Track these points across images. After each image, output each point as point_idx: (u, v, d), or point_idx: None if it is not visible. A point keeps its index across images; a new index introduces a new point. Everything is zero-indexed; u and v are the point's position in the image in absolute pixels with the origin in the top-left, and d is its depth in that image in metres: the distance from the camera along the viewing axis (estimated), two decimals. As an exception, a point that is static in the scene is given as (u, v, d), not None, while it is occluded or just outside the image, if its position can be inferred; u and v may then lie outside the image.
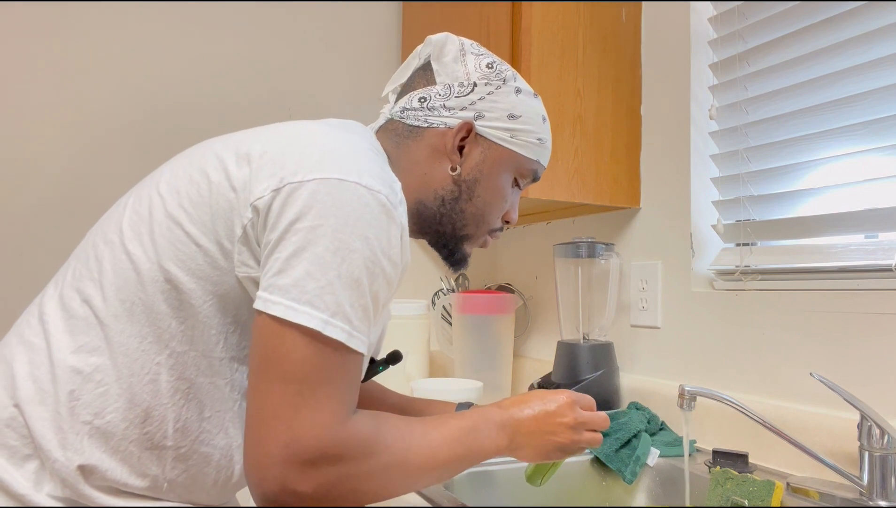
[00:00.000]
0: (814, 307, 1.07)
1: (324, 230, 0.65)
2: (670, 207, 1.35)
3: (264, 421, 0.62)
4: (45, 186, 1.51)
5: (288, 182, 0.67)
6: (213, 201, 0.70)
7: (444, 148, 0.84)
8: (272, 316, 0.63)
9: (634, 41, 1.44)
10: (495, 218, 0.89)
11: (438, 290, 1.85)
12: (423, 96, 0.85)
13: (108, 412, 0.68)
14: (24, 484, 0.67)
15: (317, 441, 0.62)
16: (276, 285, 0.64)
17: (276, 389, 0.62)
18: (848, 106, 1.06)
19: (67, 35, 1.54)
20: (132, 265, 0.71)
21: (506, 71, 0.86)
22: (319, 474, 0.62)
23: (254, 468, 0.62)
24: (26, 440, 0.68)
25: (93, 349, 0.69)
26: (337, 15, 1.83)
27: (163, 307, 0.70)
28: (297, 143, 0.71)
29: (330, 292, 0.64)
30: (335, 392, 0.64)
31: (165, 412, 0.70)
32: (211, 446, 0.73)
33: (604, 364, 1.34)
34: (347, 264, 0.65)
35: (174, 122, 1.63)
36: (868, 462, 0.88)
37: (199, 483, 0.73)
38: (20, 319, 0.77)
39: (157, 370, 0.70)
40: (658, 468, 1.12)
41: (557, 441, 0.81)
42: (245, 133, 0.77)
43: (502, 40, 1.38)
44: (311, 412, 0.62)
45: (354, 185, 0.67)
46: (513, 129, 0.85)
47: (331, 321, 0.63)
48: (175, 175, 0.75)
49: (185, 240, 0.70)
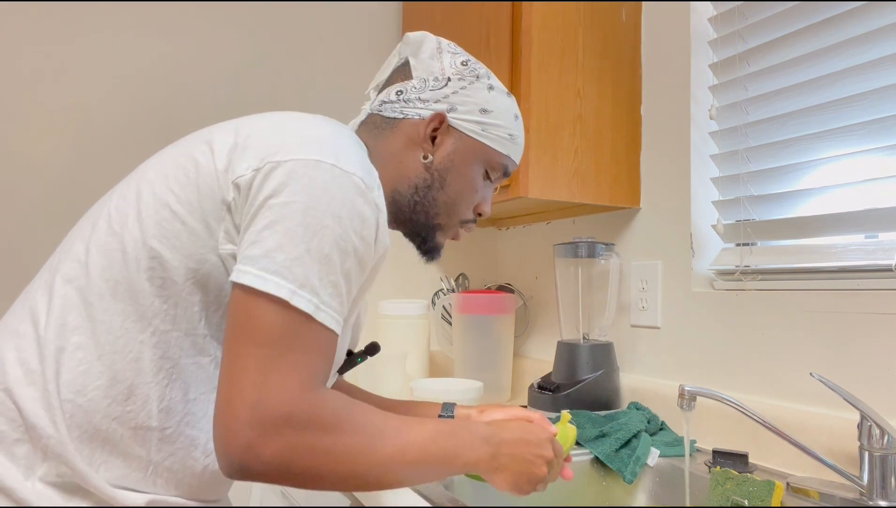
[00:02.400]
0: (814, 307, 1.07)
1: (297, 207, 0.67)
2: (670, 207, 1.35)
3: (233, 383, 0.63)
4: (44, 185, 1.51)
5: (268, 161, 0.70)
6: (200, 182, 0.72)
7: (417, 137, 0.87)
8: (243, 285, 0.66)
9: (634, 41, 1.44)
10: (466, 208, 0.92)
11: (438, 290, 1.85)
12: (399, 90, 0.89)
13: (89, 389, 0.69)
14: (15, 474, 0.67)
15: (283, 405, 0.63)
16: (248, 255, 0.66)
17: (247, 352, 0.64)
18: (848, 106, 1.06)
19: (66, 35, 1.54)
20: (118, 245, 0.72)
21: (479, 69, 0.90)
22: (283, 439, 0.62)
23: (221, 429, 0.63)
24: (16, 423, 0.68)
25: (75, 328, 0.70)
26: (337, 15, 1.83)
27: (146, 286, 0.71)
28: (282, 127, 0.74)
29: (299, 264, 0.66)
30: (305, 361, 0.65)
31: (149, 391, 0.71)
32: (197, 428, 0.74)
33: (604, 364, 1.34)
34: (318, 240, 0.67)
35: (173, 121, 1.63)
36: (868, 462, 0.88)
37: (189, 469, 0.74)
38: (8, 311, 0.78)
39: (140, 348, 0.71)
40: (658, 468, 1.12)
41: (534, 472, 0.79)
42: (231, 121, 0.80)
43: (502, 40, 1.38)
44: (280, 376, 0.63)
45: (331, 166, 0.70)
46: (484, 122, 0.88)
47: (298, 292, 0.65)
48: (162, 161, 0.77)
49: (171, 219, 0.72)
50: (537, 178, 1.32)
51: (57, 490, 0.68)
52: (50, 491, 0.67)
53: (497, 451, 0.77)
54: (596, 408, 1.31)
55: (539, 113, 1.32)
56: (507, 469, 0.77)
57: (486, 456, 0.76)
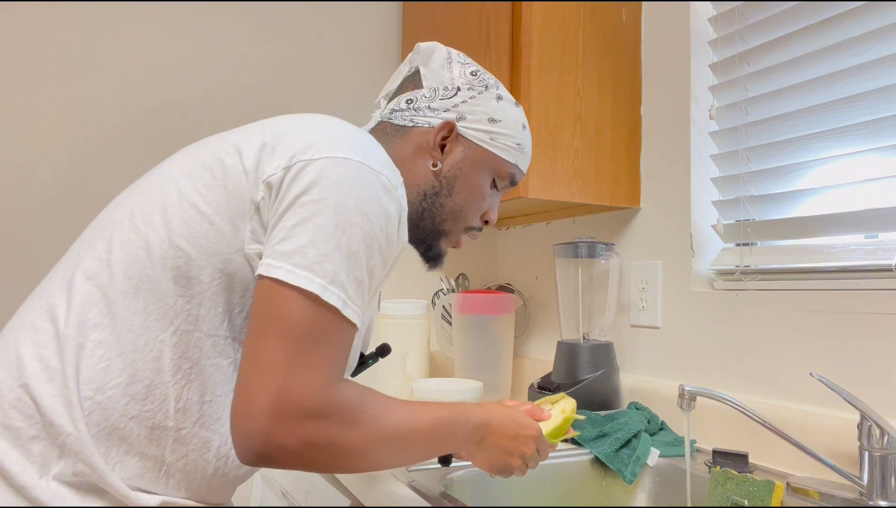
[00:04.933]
0: (814, 307, 1.07)
1: (327, 204, 0.68)
2: (670, 207, 1.35)
3: (257, 374, 0.64)
4: (46, 184, 1.51)
5: (298, 160, 0.71)
6: (228, 183, 0.73)
7: (426, 145, 0.89)
8: (274, 278, 0.67)
9: (634, 41, 1.44)
10: (473, 216, 0.93)
11: (438, 290, 1.85)
12: (409, 98, 0.90)
13: (109, 387, 0.69)
14: (30, 472, 0.67)
15: (307, 398, 0.64)
16: (279, 251, 0.68)
17: (274, 345, 0.65)
18: (848, 106, 1.06)
19: (67, 35, 1.54)
20: (143, 243, 0.72)
21: (488, 79, 0.92)
22: (305, 431, 0.64)
23: (240, 418, 0.64)
24: (33, 420, 0.68)
25: (95, 325, 0.70)
26: (337, 15, 1.83)
27: (170, 285, 0.71)
28: (309, 127, 0.75)
29: (329, 260, 0.67)
30: (329, 356, 0.67)
31: (167, 391, 0.71)
32: (211, 430, 0.74)
33: (604, 364, 1.34)
34: (347, 237, 0.68)
35: (174, 121, 1.63)
36: (868, 462, 0.88)
37: (200, 470, 0.74)
38: (21, 308, 0.78)
39: (160, 347, 0.71)
40: (658, 468, 1.12)
41: (509, 463, 0.85)
42: (255, 123, 0.80)
43: (502, 40, 1.38)
44: (305, 369, 0.65)
45: (359, 164, 0.71)
46: (493, 132, 0.90)
47: (328, 288, 0.67)
48: (187, 162, 0.77)
49: (198, 219, 0.72)
50: (537, 178, 1.32)
51: (71, 488, 0.68)
52: (64, 490, 0.67)
53: (483, 439, 0.82)
54: (596, 408, 1.31)
55: (539, 113, 1.32)
56: (486, 453, 0.84)
57: (473, 442, 0.82)
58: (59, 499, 0.67)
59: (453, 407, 0.80)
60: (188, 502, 0.74)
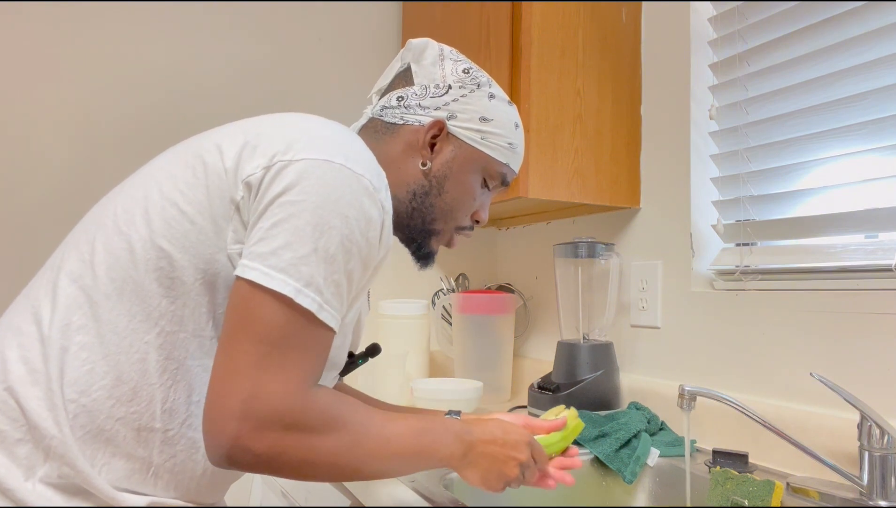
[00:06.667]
0: (814, 307, 1.07)
1: (306, 205, 0.68)
2: (670, 207, 1.35)
3: (228, 377, 0.64)
4: (45, 185, 1.51)
5: (279, 160, 0.70)
6: (209, 182, 0.72)
7: (416, 144, 0.87)
8: (248, 281, 0.66)
9: (634, 41, 1.44)
10: (463, 215, 0.92)
11: (438, 290, 1.85)
12: (400, 96, 0.89)
13: (93, 389, 0.69)
14: (15, 474, 0.67)
15: (277, 403, 0.64)
16: (255, 252, 0.67)
17: (246, 348, 0.64)
18: (847, 106, 1.06)
19: (67, 35, 1.54)
20: (126, 244, 0.72)
21: (481, 77, 0.90)
22: (274, 436, 0.64)
23: (211, 420, 0.64)
24: (18, 423, 0.68)
25: (79, 328, 0.70)
26: (336, 15, 1.83)
27: (154, 287, 0.71)
28: (291, 127, 0.74)
29: (305, 263, 0.66)
30: (302, 360, 0.66)
31: (153, 392, 0.71)
32: (199, 431, 0.74)
33: (604, 364, 1.34)
34: (325, 240, 0.67)
35: (173, 121, 1.63)
36: (868, 462, 0.88)
37: (189, 471, 0.74)
38: (8, 310, 0.77)
39: (145, 349, 0.70)
40: (658, 468, 1.12)
41: (505, 473, 0.80)
42: (239, 122, 0.79)
43: (502, 40, 1.38)
44: (277, 374, 0.64)
45: (340, 166, 0.70)
46: (484, 131, 0.88)
47: (303, 291, 0.66)
48: (169, 162, 0.77)
49: (179, 218, 0.71)
50: (537, 178, 1.32)
51: (57, 491, 0.67)
52: (50, 492, 0.67)
53: (470, 448, 0.78)
54: (596, 408, 1.31)
55: (539, 113, 1.32)
56: (477, 466, 0.79)
57: (459, 453, 0.78)
58: (45, 501, 0.67)
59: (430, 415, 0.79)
60: (177, 502, 0.74)
